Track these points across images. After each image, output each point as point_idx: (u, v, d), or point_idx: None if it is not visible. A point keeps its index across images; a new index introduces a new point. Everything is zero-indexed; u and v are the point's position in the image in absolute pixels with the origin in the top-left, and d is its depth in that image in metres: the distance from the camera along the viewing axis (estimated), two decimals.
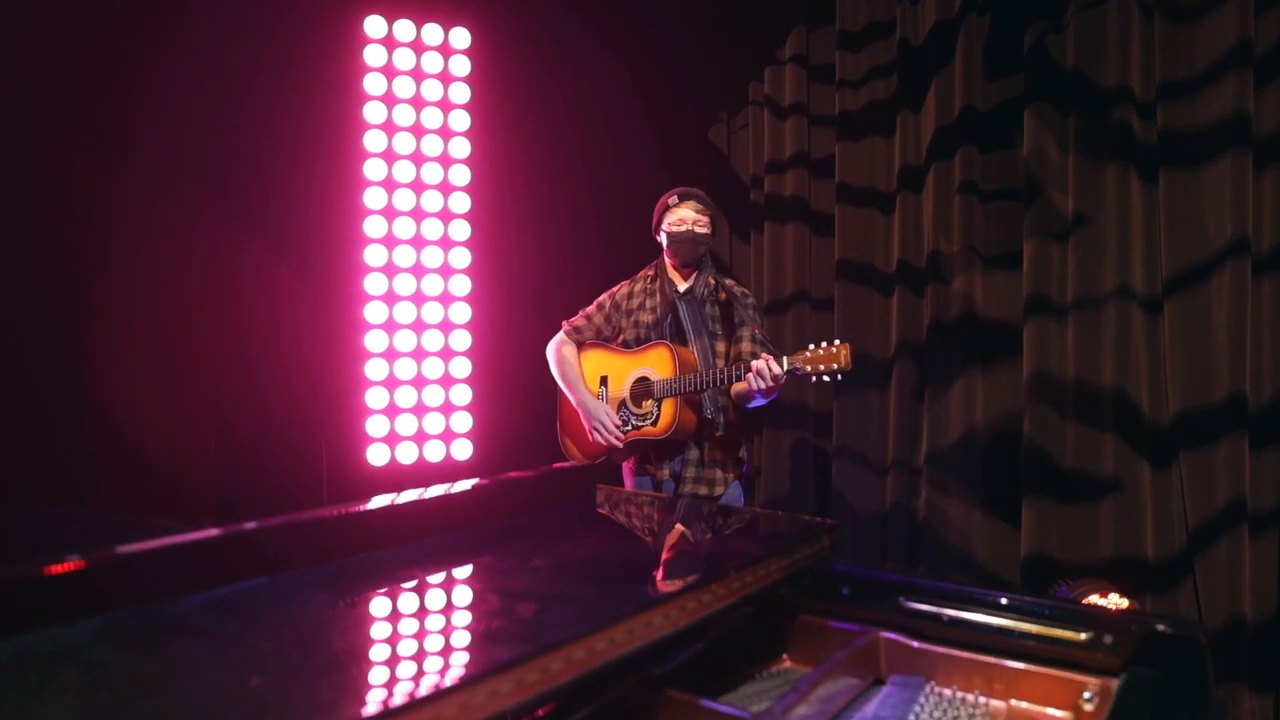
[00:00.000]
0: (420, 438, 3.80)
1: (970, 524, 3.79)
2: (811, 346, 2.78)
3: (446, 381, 3.89)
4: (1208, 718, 1.04)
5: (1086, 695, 1.09)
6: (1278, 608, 3.08)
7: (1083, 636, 1.13)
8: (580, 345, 3.27)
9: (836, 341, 2.76)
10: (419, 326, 3.82)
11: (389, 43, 3.74)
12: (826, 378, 2.75)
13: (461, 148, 3.92)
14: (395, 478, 3.64)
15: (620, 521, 1.47)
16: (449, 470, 3.81)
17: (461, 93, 3.90)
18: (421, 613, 1.01)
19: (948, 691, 1.19)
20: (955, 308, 3.84)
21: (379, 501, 1.22)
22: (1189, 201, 3.25)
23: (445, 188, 3.89)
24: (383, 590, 1.05)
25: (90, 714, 0.72)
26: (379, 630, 0.94)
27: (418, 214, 3.83)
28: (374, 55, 3.70)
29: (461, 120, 3.91)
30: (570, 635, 0.88)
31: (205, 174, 3.42)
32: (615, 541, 1.36)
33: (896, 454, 4.03)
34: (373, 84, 3.70)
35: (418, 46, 3.80)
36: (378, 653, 0.88)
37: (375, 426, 3.69)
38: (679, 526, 1.50)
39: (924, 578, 1.24)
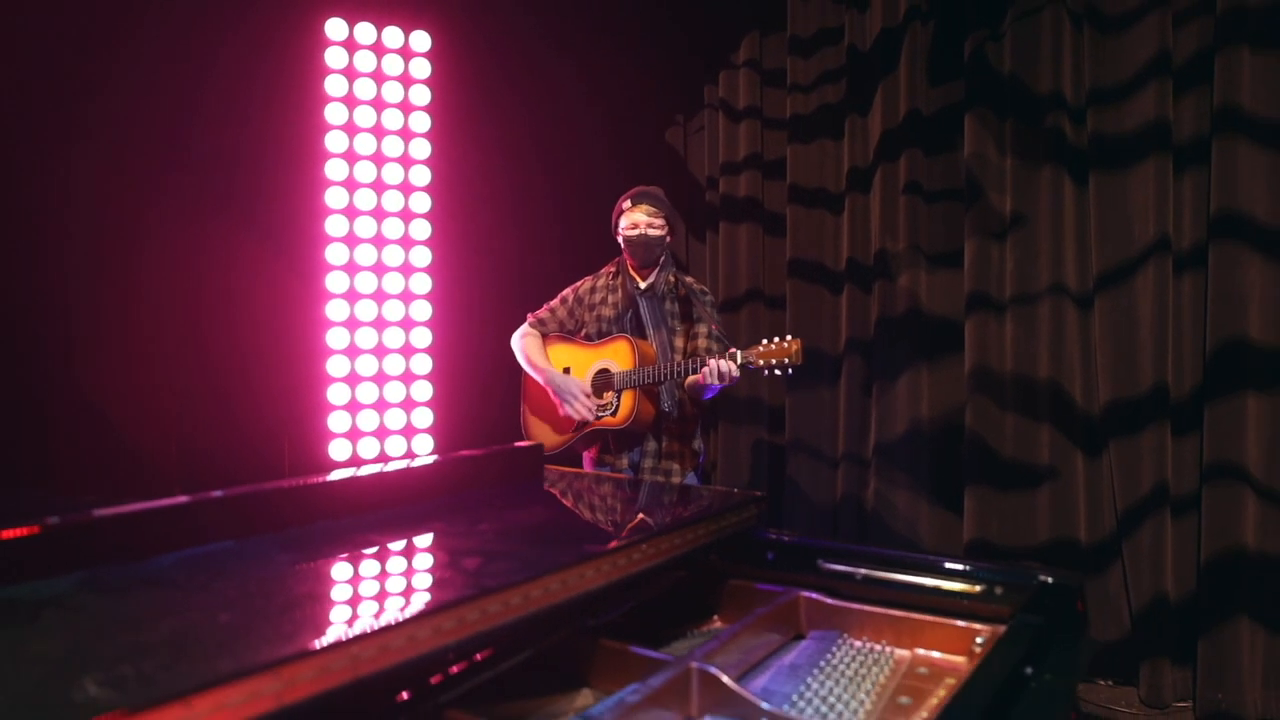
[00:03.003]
0: (381, 433, 3.88)
1: (916, 512, 3.94)
2: (764, 341, 2.90)
3: (408, 378, 3.97)
4: (1078, 654, 1.17)
5: (978, 641, 1.22)
6: (1197, 586, 3.26)
7: (977, 589, 1.26)
8: (544, 337, 3.37)
9: (788, 337, 2.89)
10: (380, 324, 3.90)
11: (350, 45, 3.81)
12: (778, 371, 2.88)
13: (422, 149, 4.00)
14: None
15: (565, 495, 1.58)
16: None
17: (422, 95, 3.99)
18: (374, 566, 1.11)
19: (859, 643, 1.31)
20: (901, 304, 3.99)
21: (338, 474, 1.32)
22: (1116, 203, 3.43)
23: (406, 188, 3.97)
24: (339, 550, 1.15)
25: (75, 645, 0.82)
26: (335, 580, 1.04)
27: (379, 213, 3.90)
28: (335, 57, 3.77)
29: (422, 122, 3.99)
30: (507, 582, 0.99)
31: (166, 173, 3.47)
32: (558, 511, 1.47)
33: (847, 447, 4.17)
34: (334, 85, 3.77)
35: (378, 49, 3.88)
36: (334, 595, 0.98)
37: (337, 422, 3.76)
38: (619, 499, 1.61)
39: (841, 543, 1.36)
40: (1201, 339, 3.24)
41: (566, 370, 3.27)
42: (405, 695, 0.95)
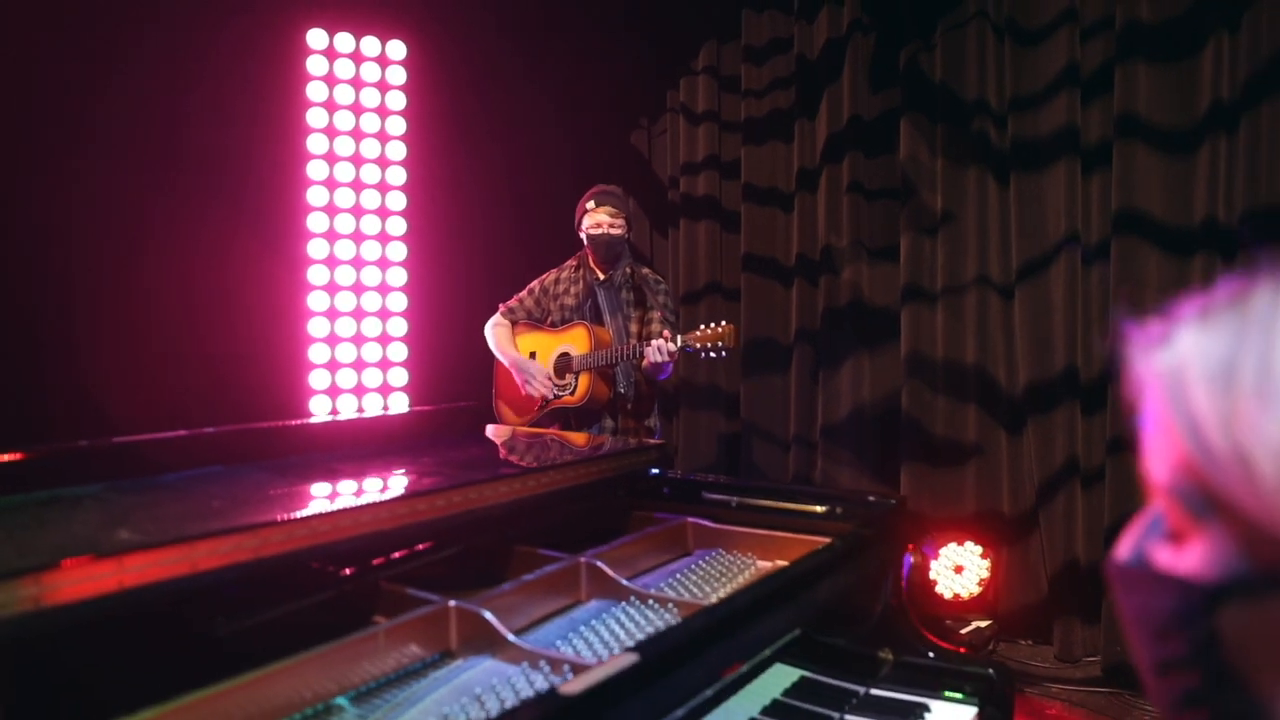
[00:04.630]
0: (359, 390, 4.17)
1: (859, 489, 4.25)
2: (702, 326, 3.20)
3: (384, 339, 4.26)
4: (889, 552, 1.48)
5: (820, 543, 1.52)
6: (1105, 552, 3.57)
7: (822, 510, 1.57)
8: (514, 324, 3.66)
9: (723, 322, 3.18)
10: (358, 288, 4.19)
11: (330, 53, 4.10)
12: (714, 354, 3.17)
13: (398, 150, 4.30)
14: None
15: (498, 442, 1.88)
16: None
17: (398, 100, 4.28)
18: (333, 479, 1.41)
19: (731, 556, 1.61)
20: (845, 296, 4.30)
21: (309, 420, 1.61)
22: (1033, 201, 3.75)
23: (383, 187, 4.26)
24: (307, 472, 1.45)
25: (108, 516, 1.12)
26: (302, 486, 1.34)
27: (357, 211, 4.20)
28: (316, 65, 4.06)
29: (398, 125, 4.29)
30: (433, 488, 1.29)
31: (161, 166, 3.71)
32: (489, 450, 1.77)
33: (796, 430, 4.48)
34: (315, 91, 4.06)
35: (357, 57, 4.17)
36: (299, 494, 1.28)
37: (317, 379, 4.04)
38: (544, 444, 1.92)
39: (721, 478, 1.66)
40: (1105, 325, 3.56)
41: (532, 355, 3.57)
42: (351, 570, 1.25)
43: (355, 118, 4.19)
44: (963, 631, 3.63)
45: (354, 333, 4.21)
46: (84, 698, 0.89)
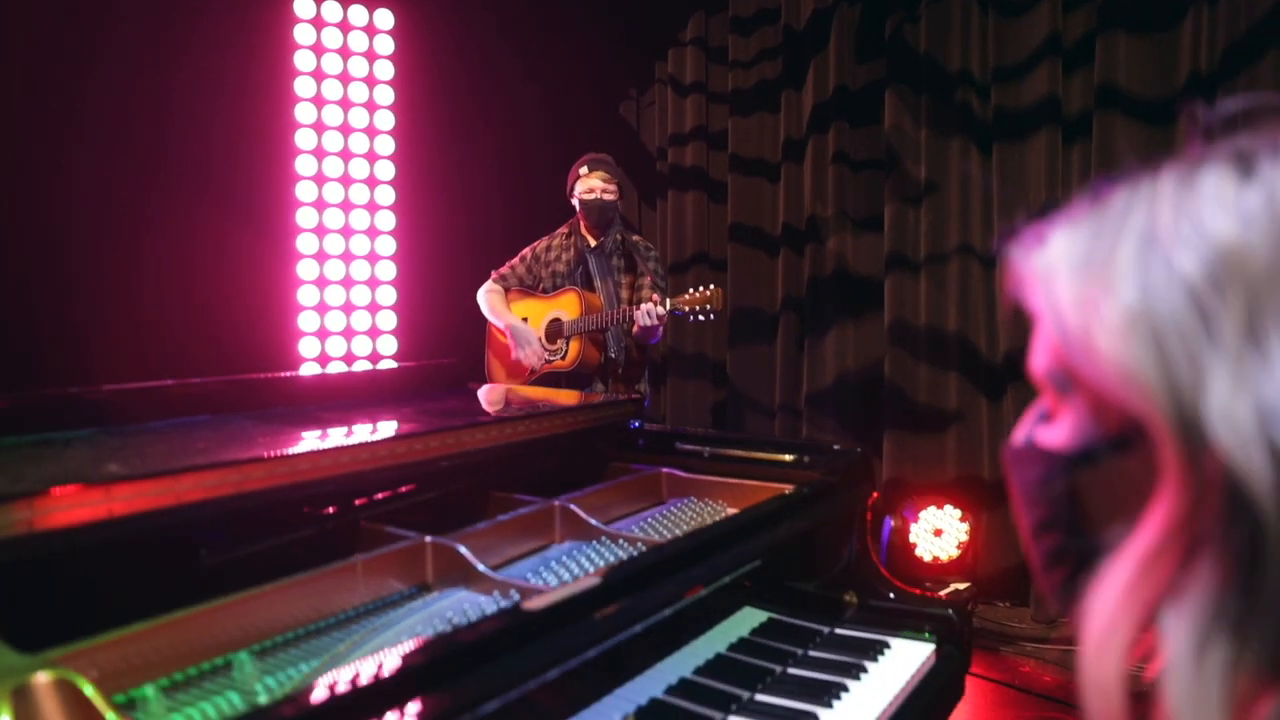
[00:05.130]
0: (349, 360, 4.21)
1: None
2: (690, 290, 3.25)
3: (373, 283, 4.30)
4: (852, 498, 1.54)
5: (787, 494, 1.58)
6: None
7: (790, 459, 1.63)
8: (506, 291, 3.70)
9: (710, 285, 3.23)
10: (347, 257, 4.22)
11: (318, 23, 4.11)
12: (702, 317, 3.22)
13: (386, 120, 4.31)
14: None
15: (480, 396, 1.93)
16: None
17: (386, 69, 4.29)
18: (317, 426, 1.46)
19: (702, 504, 1.67)
20: (829, 265, 4.35)
21: (295, 371, 1.66)
22: (1015, 171, 3.79)
23: (371, 156, 4.29)
24: (293, 420, 1.50)
25: (96, 454, 1.17)
26: (287, 431, 1.39)
27: (345, 180, 4.22)
28: (304, 34, 4.07)
29: (386, 95, 4.30)
30: (411, 432, 1.34)
31: (149, 130, 3.71)
32: (471, 403, 1.82)
33: (782, 398, 4.54)
34: (302, 60, 4.06)
35: (344, 26, 4.18)
36: (284, 437, 1.33)
37: (307, 348, 4.08)
38: (524, 398, 1.97)
39: (693, 429, 1.72)
40: None
41: (524, 321, 3.62)
42: (331, 509, 1.30)
43: (343, 87, 4.20)
44: (942, 594, 3.71)
45: (343, 301, 4.25)
46: (74, 615, 0.94)
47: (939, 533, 3.77)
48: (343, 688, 0.79)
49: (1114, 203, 0.48)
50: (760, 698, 1.28)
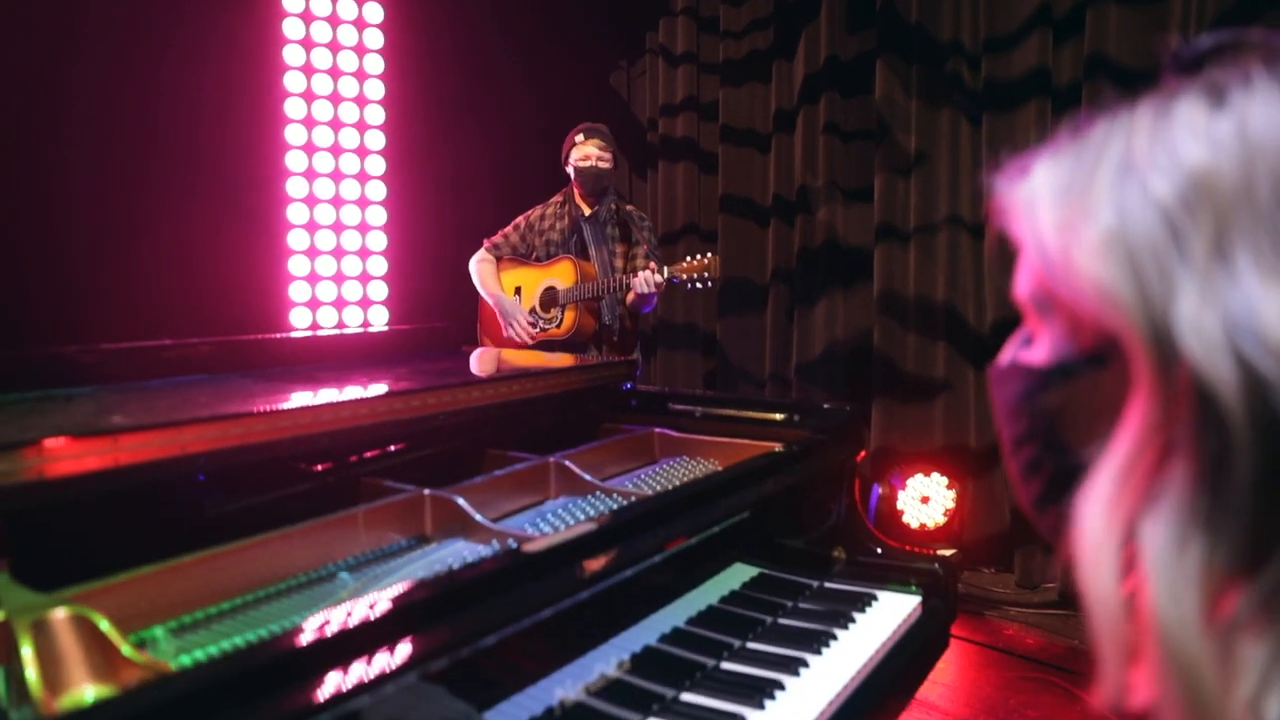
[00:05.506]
0: (339, 303, 4.22)
1: None
2: (688, 258, 3.27)
3: (364, 253, 4.30)
4: (841, 455, 1.58)
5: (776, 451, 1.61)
6: None
7: (780, 418, 1.66)
8: (499, 260, 3.71)
9: (708, 253, 3.26)
10: (338, 227, 4.21)
11: None
12: (699, 284, 3.24)
13: (376, 89, 4.30)
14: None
15: (476, 358, 1.96)
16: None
17: (375, 38, 4.27)
18: (315, 384, 1.48)
19: (694, 462, 1.70)
20: (820, 236, 4.37)
21: (290, 333, 1.68)
22: (1004, 141, 3.80)
23: (361, 126, 4.27)
24: (290, 379, 1.52)
25: (100, 408, 1.19)
26: (286, 388, 1.41)
27: (335, 150, 4.21)
28: (292, 2, 4.04)
29: (376, 64, 4.28)
30: (408, 389, 1.37)
31: (140, 96, 3.68)
32: (464, 365, 1.84)
33: (772, 367, 4.58)
34: (291, 28, 4.04)
35: None
36: (283, 394, 1.35)
37: (298, 318, 4.08)
38: (519, 362, 1.99)
39: (685, 390, 1.75)
40: None
41: (518, 290, 3.63)
42: (331, 463, 1.33)
43: (333, 56, 4.18)
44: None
45: (334, 271, 4.25)
46: (83, 560, 0.97)
47: (926, 500, 3.82)
48: (350, 621, 0.81)
49: (1093, 134, 0.51)
50: (752, 645, 1.31)
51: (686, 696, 1.16)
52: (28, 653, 0.75)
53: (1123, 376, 0.48)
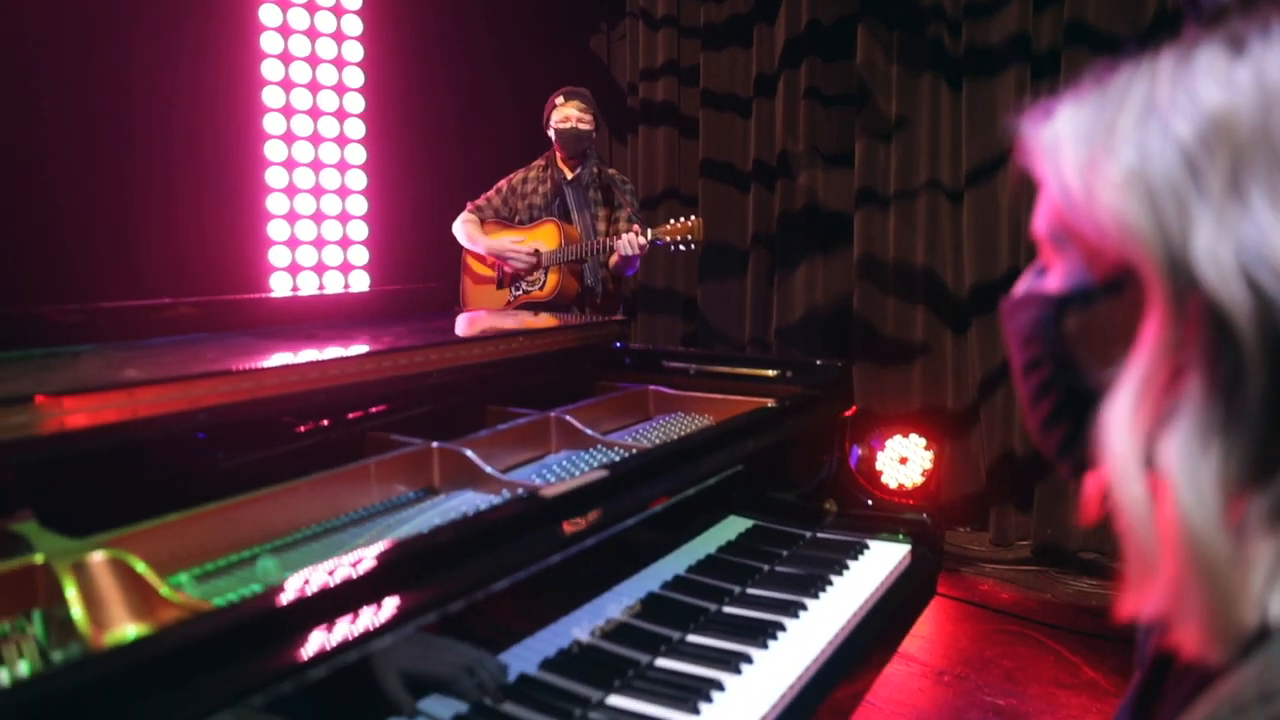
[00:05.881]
0: (320, 268, 4.20)
1: None
2: (671, 221, 3.29)
3: (344, 217, 4.27)
4: (833, 409, 1.62)
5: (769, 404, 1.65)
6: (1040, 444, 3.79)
7: (773, 374, 1.69)
8: (482, 223, 3.70)
9: (692, 216, 3.28)
10: (316, 166, 4.17)
11: None
12: (683, 247, 3.27)
13: (355, 51, 4.25)
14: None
15: (469, 319, 1.98)
16: None
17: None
18: (319, 341, 1.49)
19: (688, 417, 1.74)
20: (800, 201, 4.40)
21: (289, 293, 1.69)
22: (984, 107, 3.84)
23: (340, 89, 4.23)
24: (287, 338, 1.53)
25: (109, 363, 1.20)
26: (288, 346, 1.43)
27: (314, 113, 4.16)
28: None
29: (354, 25, 4.23)
30: (409, 345, 1.39)
31: (119, 57, 3.62)
32: (461, 323, 1.86)
33: (752, 331, 4.62)
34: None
35: None
36: (284, 351, 1.37)
37: (278, 283, 4.06)
38: (512, 319, 2.02)
39: (679, 348, 1.78)
40: None
41: None
42: (339, 417, 1.35)
43: (310, 16, 4.12)
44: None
45: (314, 236, 4.22)
46: (103, 509, 0.98)
47: (904, 461, 3.89)
48: (371, 563, 0.84)
49: (1116, 80, 0.54)
50: (752, 591, 1.36)
51: (693, 638, 1.20)
52: (72, 593, 0.77)
53: (1137, 303, 0.52)
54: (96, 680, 0.63)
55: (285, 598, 0.76)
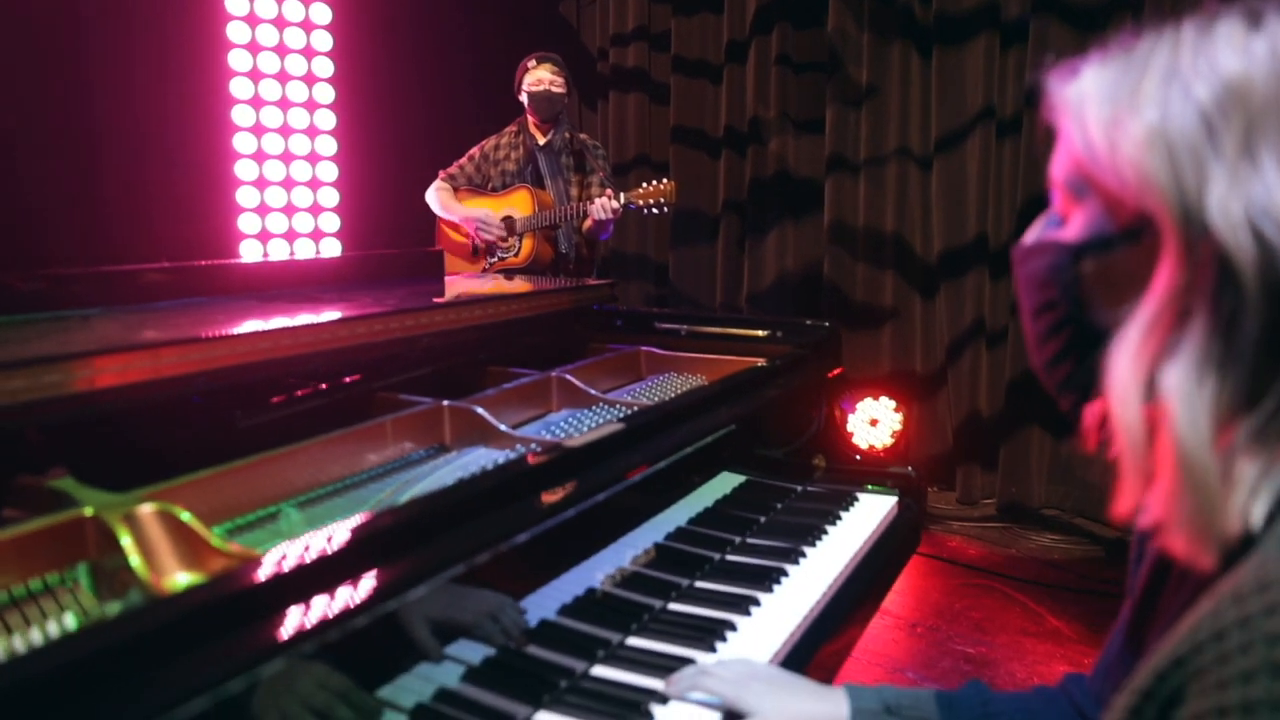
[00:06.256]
0: (290, 236, 4.16)
1: None
2: (644, 184, 3.32)
3: (314, 184, 4.23)
4: (821, 369, 1.68)
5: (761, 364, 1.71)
6: (1005, 405, 3.90)
7: (763, 334, 1.75)
8: (455, 190, 3.70)
9: (664, 179, 3.31)
10: (285, 131, 4.12)
11: None
12: (655, 210, 3.31)
13: (323, 14, 4.19)
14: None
15: (457, 282, 2.00)
16: None
17: None
18: (322, 305, 1.51)
19: (681, 377, 1.79)
20: (771, 167, 4.44)
21: (279, 258, 1.70)
22: (953, 75, 3.90)
23: (308, 53, 4.17)
24: (287, 302, 1.55)
25: (124, 326, 1.21)
26: (294, 309, 1.45)
27: (282, 77, 4.10)
28: None
29: None
30: (413, 307, 1.41)
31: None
32: (457, 287, 1.89)
33: (723, 297, 4.67)
34: None
35: None
36: (291, 313, 1.39)
37: (248, 249, 4.02)
38: (503, 283, 2.04)
39: (670, 309, 1.82)
40: (1015, 195, 3.79)
41: None
42: (350, 378, 1.37)
43: None
44: None
45: (284, 203, 4.18)
46: (132, 466, 1.01)
47: (875, 423, 3.98)
48: (416, 510, 0.88)
49: (1140, 47, 0.59)
50: (751, 541, 1.42)
51: (701, 584, 1.26)
52: (128, 542, 0.80)
53: (1152, 250, 0.57)
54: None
55: (336, 545, 0.79)
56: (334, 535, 0.82)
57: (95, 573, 0.87)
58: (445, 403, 1.32)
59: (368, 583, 0.83)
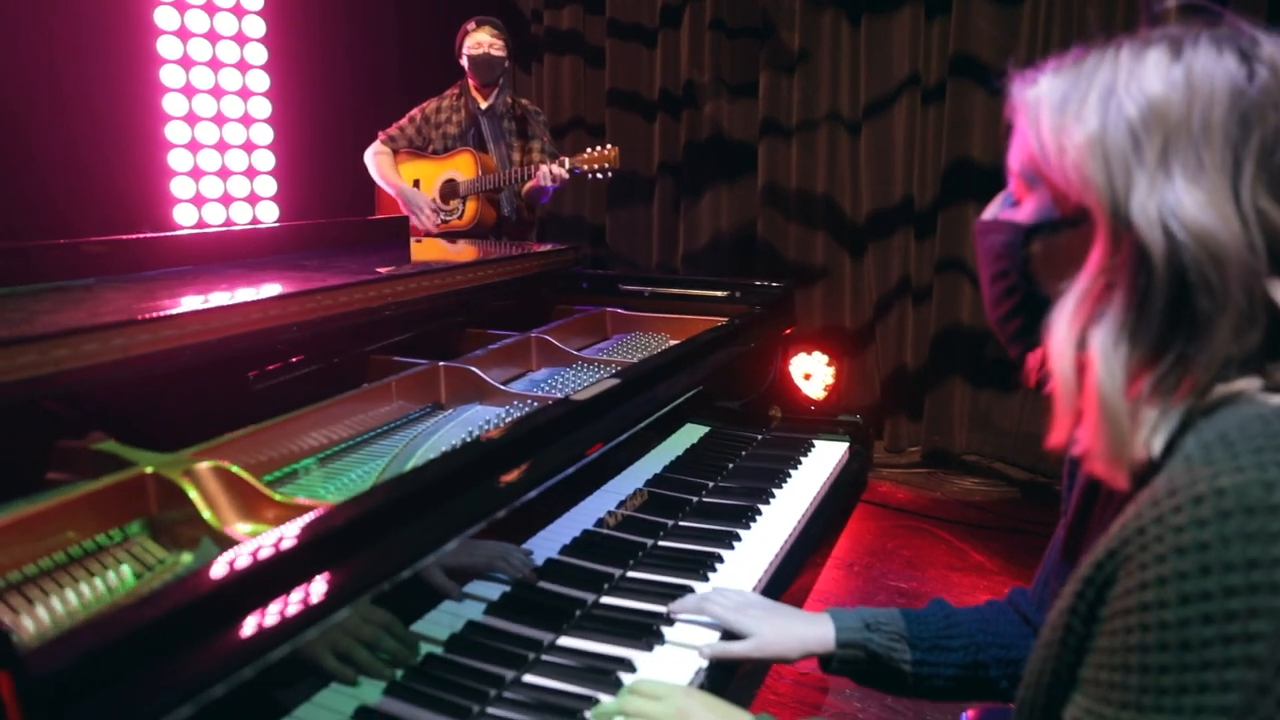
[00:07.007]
0: (226, 200, 4.12)
1: None
2: (589, 150, 3.40)
3: (249, 147, 4.17)
4: (777, 326, 1.82)
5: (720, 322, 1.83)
6: (929, 359, 4.12)
7: (723, 294, 1.87)
8: (395, 153, 3.71)
9: (608, 145, 3.39)
10: (217, 92, 4.05)
11: None
12: (600, 175, 3.39)
13: None
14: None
15: (425, 249, 2.07)
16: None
17: None
18: (301, 275, 1.57)
19: (645, 336, 1.90)
20: (705, 130, 4.55)
21: (250, 225, 1.74)
22: (882, 43, 4.05)
23: (238, 11, 4.09)
24: (279, 269, 1.61)
25: (136, 298, 1.27)
26: (280, 276, 1.51)
27: (212, 36, 4.02)
28: None
29: None
30: (395, 275, 1.49)
31: None
32: (429, 253, 1.96)
33: (660, 258, 4.78)
34: None
35: None
36: (262, 285, 1.45)
37: (182, 215, 3.96)
38: (474, 247, 2.12)
39: (634, 271, 1.93)
40: (939, 160, 3.98)
41: (416, 183, 3.66)
42: (345, 343, 1.45)
43: None
44: None
45: (219, 167, 4.12)
46: (166, 429, 1.08)
47: (808, 377, 4.17)
48: (449, 464, 0.98)
49: (1088, 61, 0.72)
50: (723, 484, 1.55)
51: (685, 523, 1.38)
52: (196, 495, 0.88)
53: (1087, 236, 0.71)
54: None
55: (376, 501, 0.88)
56: (375, 492, 0.91)
57: (152, 526, 0.95)
58: (441, 363, 1.40)
59: (410, 533, 0.92)
